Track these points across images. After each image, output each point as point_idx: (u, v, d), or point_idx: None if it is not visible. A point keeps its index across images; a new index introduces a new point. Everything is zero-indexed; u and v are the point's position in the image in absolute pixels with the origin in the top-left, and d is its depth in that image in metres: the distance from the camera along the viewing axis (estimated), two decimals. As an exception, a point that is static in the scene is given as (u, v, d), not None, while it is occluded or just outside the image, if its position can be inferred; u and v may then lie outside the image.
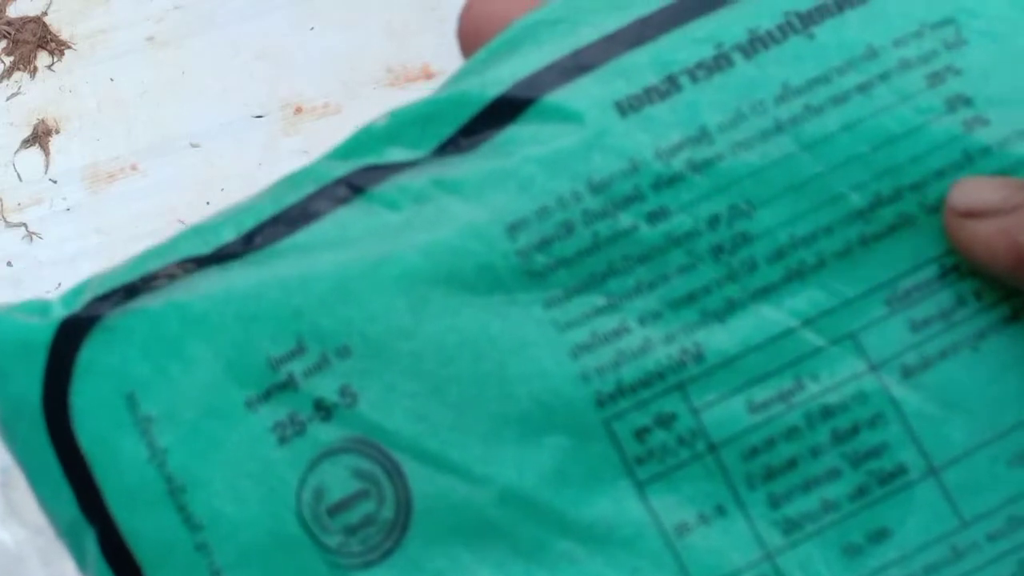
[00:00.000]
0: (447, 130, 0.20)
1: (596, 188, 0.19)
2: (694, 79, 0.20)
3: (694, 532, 0.19)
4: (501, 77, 0.20)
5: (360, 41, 0.69)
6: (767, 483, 0.19)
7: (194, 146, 0.68)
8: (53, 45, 0.72)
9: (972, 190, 0.19)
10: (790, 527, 0.19)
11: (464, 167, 0.20)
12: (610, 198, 0.19)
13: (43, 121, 0.70)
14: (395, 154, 0.20)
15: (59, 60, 0.71)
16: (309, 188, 0.20)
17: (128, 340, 0.20)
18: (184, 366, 0.20)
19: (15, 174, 0.69)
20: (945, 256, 0.19)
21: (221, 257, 0.20)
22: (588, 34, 0.20)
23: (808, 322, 0.19)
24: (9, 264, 0.66)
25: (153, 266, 0.20)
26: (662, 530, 0.19)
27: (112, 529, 0.19)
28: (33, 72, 0.71)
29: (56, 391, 0.20)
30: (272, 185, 0.21)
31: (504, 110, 0.20)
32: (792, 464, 0.19)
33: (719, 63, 0.20)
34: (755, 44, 0.20)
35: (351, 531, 0.19)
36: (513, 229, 0.19)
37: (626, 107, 0.20)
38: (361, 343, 0.19)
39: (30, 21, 0.73)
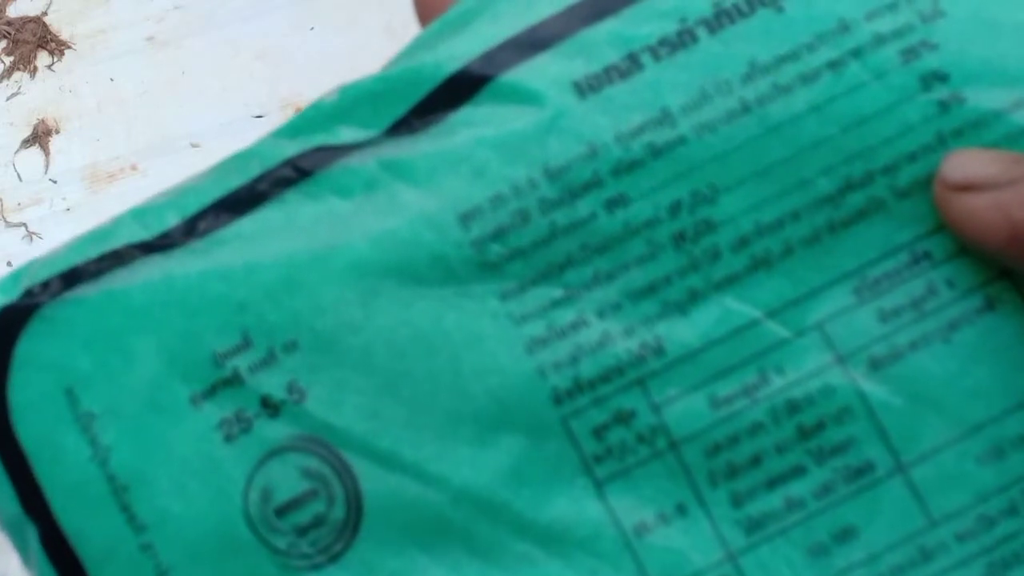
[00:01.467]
0: (399, 109, 0.19)
1: (553, 175, 0.19)
2: (656, 57, 0.19)
3: (654, 532, 0.18)
4: (456, 52, 0.19)
5: (360, 41, 0.69)
6: (730, 481, 0.18)
7: (194, 146, 0.67)
8: (53, 45, 0.72)
9: (966, 162, 0.18)
10: (753, 526, 0.18)
11: (416, 149, 0.19)
12: (567, 185, 0.19)
13: (43, 121, 0.70)
14: (345, 134, 0.19)
15: (59, 60, 0.71)
16: (255, 169, 0.20)
17: (67, 332, 0.19)
18: (126, 360, 0.19)
19: (15, 174, 0.69)
20: (916, 242, 0.19)
21: (163, 245, 0.19)
22: (546, 6, 0.19)
23: (773, 313, 0.19)
24: (9, 264, 0.66)
25: (92, 252, 0.20)
26: (621, 530, 0.18)
27: (54, 527, 0.19)
28: (33, 72, 0.71)
29: None
30: (217, 163, 0.20)
31: (459, 88, 0.19)
32: (756, 461, 0.18)
33: (683, 39, 0.19)
34: (720, 18, 0.19)
35: (301, 532, 0.19)
36: (466, 218, 0.19)
37: (585, 87, 0.19)
38: (309, 337, 0.19)
39: (30, 21, 0.73)
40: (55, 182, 0.68)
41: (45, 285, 0.19)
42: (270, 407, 0.19)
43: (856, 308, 0.19)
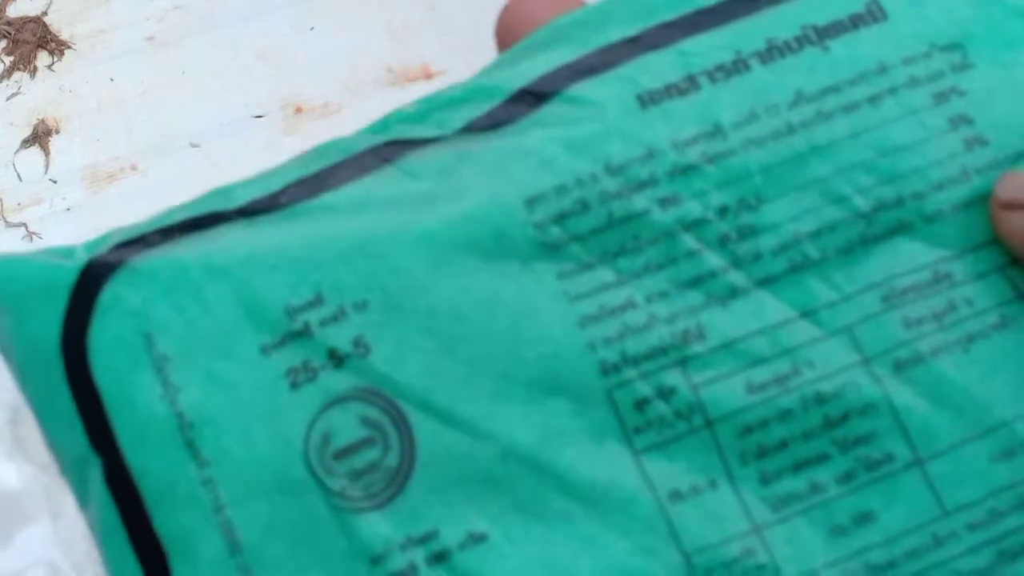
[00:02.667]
0: (473, 114, 0.21)
1: (613, 171, 0.20)
2: (712, 80, 0.21)
3: (686, 500, 0.19)
4: (529, 70, 0.21)
5: (360, 41, 0.69)
6: (759, 461, 0.20)
7: (194, 146, 0.68)
8: (53, 45, 0.72)
9: (1016, 183, 0.20)
10: (779, 504, 0.20)
11: (488, 144, 0.21)
12: (626, 181, 0.20)
13: (43, 121, 0.70)
14: (422, 131, 0.21)
15: (59, 60, 0.72)
16: (337, 157, 0.21)
17: (150, 282, 0.20)
18: (203, 310, 0.20)
19: (15, 174, 0.69)
20: (940, 263, 0.20)
21: (247, 212, 0.21)
22: (614, 34, 0.21)
23: (807, 313, 0.20)
24: (9, 264, 0.66)
25: (179, 218, 0.21)
26: (656, 496, 0.20)
27: (119, 462, 0.20)
28: (33, 72, 0.72)
29: (75, 330, 0.20)
30: (299, 155, 0.22)
31: (529, 99, 0.21)
32: (784, 445, 0.20)
33: (737, 67, 0.21)
34: (772, 52, 0.21)
35: (355, 476, 0.20)
36: (531, 202, 0.20)
37: (647, 100, 0.21)
38: (379, 297, 0.20)
39: (30, 21, 0.73)
40: (55, 182, 0.68)
41: (132, 243, 0.21)
42: (336, 359, 0.20)
43: (883, 314, 0.20)
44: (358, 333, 0.20)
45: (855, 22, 0.21)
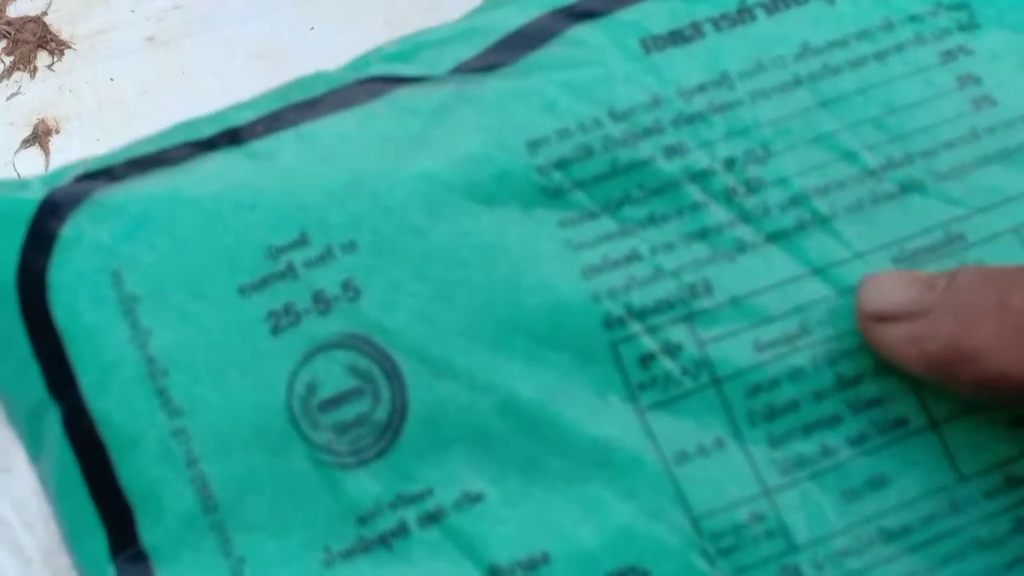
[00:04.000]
0: (464, 54, 0.20)
1: (617, 116, 0.20)
2: (717, 28, 0.20)
3: (693, 461, 0.19)
4: (523, 12, 0.21)
5: (360, 41, 0.69)
6: (768, 422, 0.19)
7: (194, 146, 0.68)
8: (53, 45, 0.72)
9: (882, 290, 0.19)
10: (789, 467, 0.19)
11: (486, 84, 0.20)
12: (630, 128, 0.20)
13: (43, 121, 0.70)
14: (409, 70, 0.20)
15: (59, 60, 0.72)
16: (319, 89, 0.20)
17: (118, 217, 0.19)
18: (175, 247, 0.19)
19: (15, 174, 0.69)
20: (952, 223, 0.20)
21: (220, 143, 0.20)
22: None
23: (817, 271, 0.20)
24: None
25: (146, 150, 0.20)
26: (662, 456, 0.19)
27: (81, 410, 0.18)
28: (33, 72, 0.72)
29: (33, 265, 0.19)
30: (274, 89, 0.21)
31: (527, 40, 0.20)
32: (794, 405, 0.19)
33: (742, 16, 0.20)
34: (777, 3, 0.21)
35: (342, 429, 0.19)
36: (533, 145, 0.20)
37: (650, 46, 0.20)
38: (369, 238, 0.19)
39: (30, 21, 0.73)
40: (55, 182, 0.68)
41: (96, 175, 0.19)
42: (322, 302, 0.19)
43: None
44: (347, 276, 0.19)
45: None
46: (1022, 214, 0.20)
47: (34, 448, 0.19)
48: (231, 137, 0.20)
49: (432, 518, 0.18)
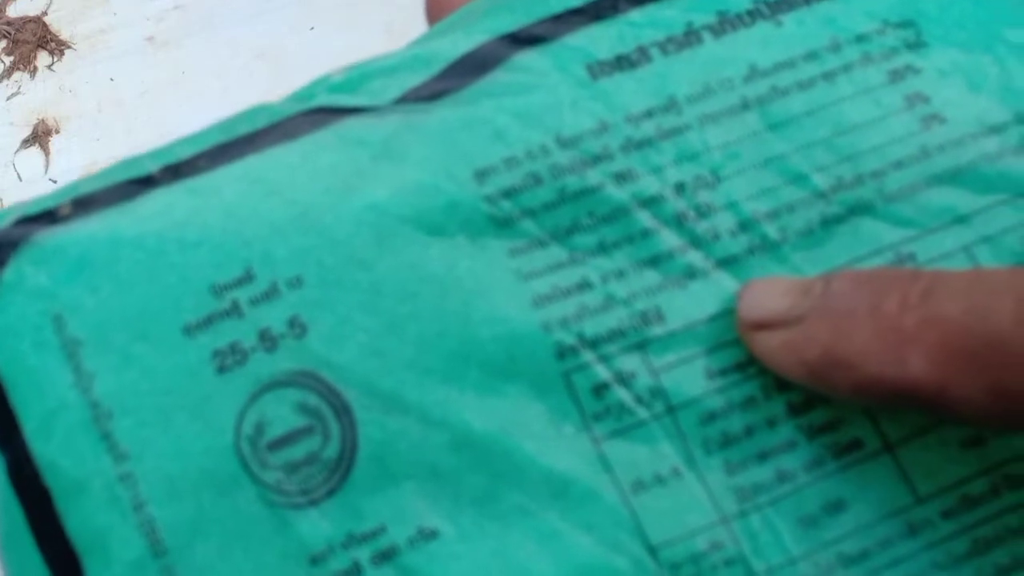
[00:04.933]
0: (409, 83, 0.20)
1: (565, 143, 0.20)
2: (664, 51, 0.20)
3: (650, 491, 0.19)
4: (468, 39, 0.20)
5: (360, 41, 0.68)
6: (723, 450, 0.19)
7: (194, 146, 0.68)
8: (53, 45, 0.72)
9: (759, 297, 0.19)
10: (745, 494, 0.19)
11: (433, 113, 0.20)
12: (579, 155, 0.20)
13: (43, 121, 0.70)
14: (354, 100, 0.20)
15: (59, 60, 0.72)
16: (263, 121, 0.20)
17: (58, 259, 0.19)
18: (118, 288, 0.19)
19: (15, 174, 0.69)
20: (902, 244, 0.20)
21: (161, 180, 0.19)
22: (556, 5, 0.21)
23: None
24: (9, 264, 0.66)
25: (86, 190, 0.19)
26: (618, 486, 0.19)
27: (24, 456, 0.18)
28: (33, 72, 0.72)
29: None
30: (218, 122, 0.20)
31: (474, 66, 0.20)
32: (749, 432, 0.19)
33: (689, 39, 0.20)
34: (724, 25, 0.20)
35: (292, 469, 0.18)
36: (481, 175, 0.19)
37: (597, 71, 0.20)
38: (316, 272, 0.19)
39: (30, 21, 0.73)
40: (55, 182, 0.68)
41: (35, 218, 0.19)
42: (268, 340, 0.18)
43: None
44: (293, 312, 0.18)
45: None
46: (972, 233, 0.20)
47: None
48: (174, 172, 0.19)
49: (385, 556, 0.18)
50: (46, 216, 0.19)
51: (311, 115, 0.20)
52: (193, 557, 0.18)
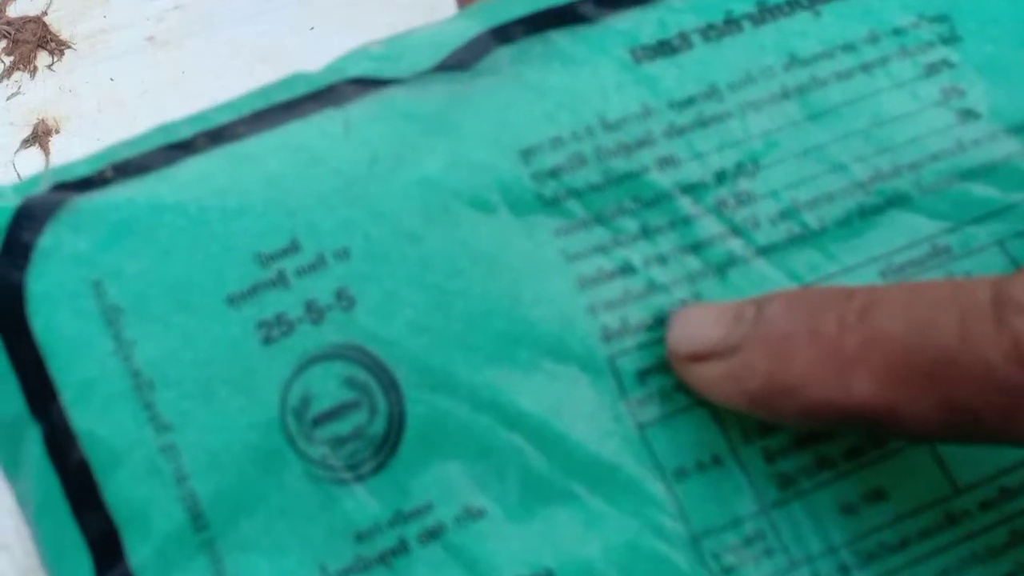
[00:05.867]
0: (446, 50, 0.20)
1: (610, 126, 0.20)
2: (706, 38, 0.20)
3: (692, 478, 0.19)
4: (507, 13, 0.20)
5: (360, 41, 0.68)
6: (763, 438, 0.19)
7: (194, 146, 0.67)
8: (53, 45, 0.72)
9: (691, 327, 0.18)
10: (786, 482, 0.19)
11: (478, 86, 0.20)
12: (623, 138, 0.20)
13: (43, 121, 0.70)
14: (394, 71, 0.20)
15: (59, 60, 0.71)
16: (302, 89, 0.19)
17: (99, 224, 0.18)
18: (159, 255, 0.18)
19: (15, 174, 0.69)
20: (938, 236, 0.20)
21: (200, 145, 0.19)
22: None
23: (807, 285, 0.20)
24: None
25: (123, 156, 0.19)
26: (663, 474, 0.19)
27: (63, 426, 0.18)
28: (33, 72, 0.71)
29: (10, 277, 0.18)
30: (254, 89, 0.20)
31: (514, 35, 0.20)
32: None
33: (729, 27, 0.20)
34: (763, 14, 0.21)
35: (337, 443, 0.18)
36: (528, 153, 0.19)
37: (640, 55, 0.20)
38: (363, 245, 0.18)
39: (30, 21, 0.73)
40: (55, 182, 0.68)
41: (74, 184, 0.19)
42: (315, 312, 0.18)
43: None
44: (340, 284, 0.18)
45: None
46: (1006, 227, 0.20)
47: (10, 467, 0.18)
48: (212, 138, 0.19)
49: (432, 535, 0.18)
50: (83, 180, 0.19)
51: (352, 84, 0.19)
52: (236, 532, 0.18)
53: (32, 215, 0.18)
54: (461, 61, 0.20)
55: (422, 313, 0.18)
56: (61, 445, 0.18)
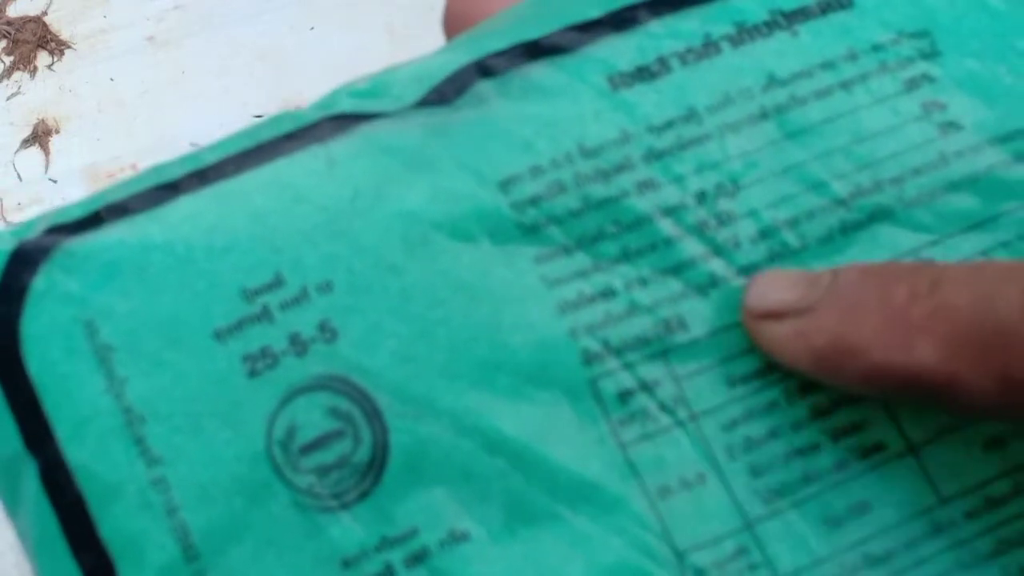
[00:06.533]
0: (429, 84, 0.20)
1: (588, 153, 0.20)
2: (684, 62, 0.20)
3: (676, 496, 0.19)
4: (489, 46, 0.20)
5: (360, 41, 0.69)
6: (747, 454, 0.19)
7: (194, 146, 0.67)
8: (53, 45, 0.72)
9: (767, 289, 0.19)
10: (771, 496, 0.19)
11: (457, 119, 0.20)
12: (602, 164, 0.20)
13: (43, 121, 0.70)
14: (377, 106, 0.20)
15: (59, 60, 0.72)
16: (287, 126, 0.20)
17: (89, 266, 0.19)
18: (148, 294, 0.19)
19: (15, 174, 0.69)
20: (921, 249, 0.20)
21: (189, 185, 0.19)
22: (575, 15, 0.21)
23: None
24: (9, 264, 0.66)
25: (114, 198, 0.19)
26: (646, 492, 0.19)
27: (58, 462, 0.18)
28: (33, 72, 0.72)
29: (6, 318, 0.19)
30: (243, 128, 0.20)
31: (493, 70, 0.20)
32: (773, 435, 0.19)
33: (708, 50, 0.21)
34: (742, 35, 0.21)
35: (323, 472, 0.18)
36: (507, 183, 0.19)
37: (618, 82, 0.20)
38: (346, 278, 0.19)
39: (30, 21, 0.73)
40: (55, 182, 0.68)
41: (66, 227, 0.19)
42: (299, 345, 0.19)
43: None
44: (323, 317, 0.19)
45: (823, 8, 0.21)
46: (990, 238, 0.20)
47: (11, 503, 0.19)
48: (200, 178, 0.19)
49: (417, 559, 0.18)
50: (75, 223, 0.19)
51: (335, 121, 0.20)
52: (226, 562, 0.18)
53: (27, 258, 0.19)
54: (443, 96, 0.20)
55: (404, 343, 0.19)
56: (57, 481, 0.18)
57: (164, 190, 0.19)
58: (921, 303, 0.17)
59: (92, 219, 0.19)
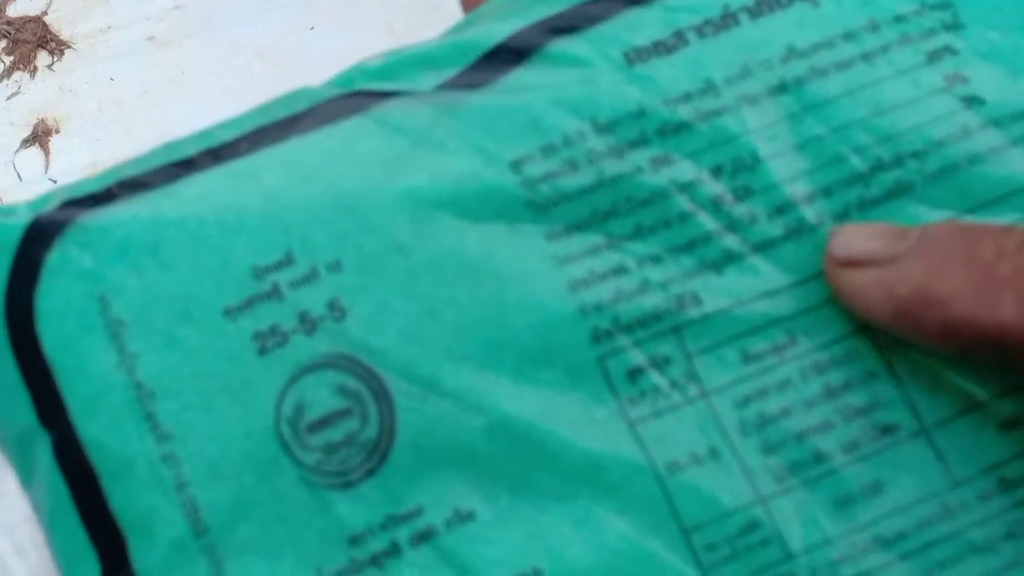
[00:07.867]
0: (448, 72, 0.20)
1: (602, 129, 0.20)
2: (701, 35, 0.20)
3: (686, 471, 0.19)
4: (505, 27, 0.20)
5: (360, 41, 0.68)
6: (760, 431, 0.19)
7: (194, 146, 0.68)
8: (53, 45, 0.72)
9: (852, 239, 0.19)
10: (783, 474, 0.19)
11: (471, 100, 0.20)
12: (616, 140, 0.20)
13: (43, 121, 0.70)
14: (392, 86, 0.20)
15: (59, 60, 0.71)
16: (302, 104, 0.20)
17: (103, 242, 0.19)
18: (160, 271, 0.19)
19: (15, 174, 0.69)
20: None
21: (203, 163, 0.19)
22: None
23: (804, 280, 0.19)
24: (9, 264, 0.66)
25: (129, 173, 0.20)
26: (654, 469, 0.19)
27: (70, 436, 0.18)
28: (33, 72, 0.71)
29: (20, 293, 0.19)
30: (257, 106, 0.20)
31: (509, 55, 0.20)
32: (786, 413, 0.19)
33: (726, 22, 0.20)
34: (761, 7, 0.20)
35: (331, 450, 0.18)
36: (519, 162, 0.19)
37: (634, 57, 0.20)
38: (354, 257, 0.19)
39: (30, 21, 0.73)
40: (55, 182, 0.68)
41: (81, 201, 0.19)
42: (308, 323, 0.19)
43: None
44: (332, 295, 0.19)
45: None
46: (1012, 212, 0.20)
47: (25, 475, 0.19)
48: (214, 156, 0.19)
49: (423, 537, 0.18)
50: (90, 198, 0.19)
51: (349, 99, 0.20)
52: (235, 537, 0.18)
53: (41, 233, 0.19)
54: (458, 85, 0.20)
55: (412, 322, 0.19)
56: (70, 454, 0.18)
57: (178, 167, 0.19)
58: (1008, 260, 0.17)
59: (106, 194, 0.19)
